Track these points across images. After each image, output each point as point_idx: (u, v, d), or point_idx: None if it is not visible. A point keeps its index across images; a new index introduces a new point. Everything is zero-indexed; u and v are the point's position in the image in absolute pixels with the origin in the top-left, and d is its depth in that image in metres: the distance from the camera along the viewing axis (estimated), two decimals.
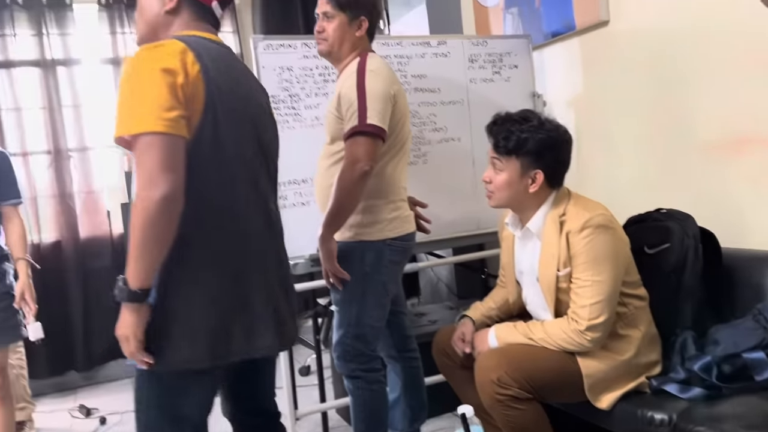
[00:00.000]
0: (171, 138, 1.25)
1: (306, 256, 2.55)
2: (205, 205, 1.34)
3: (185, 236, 1.29)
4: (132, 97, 1.27)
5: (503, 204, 1.91)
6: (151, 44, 1.33)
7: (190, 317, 1.31)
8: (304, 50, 2.50)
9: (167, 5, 1.44)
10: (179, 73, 1.28)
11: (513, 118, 1.88)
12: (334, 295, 2.04)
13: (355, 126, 1.89)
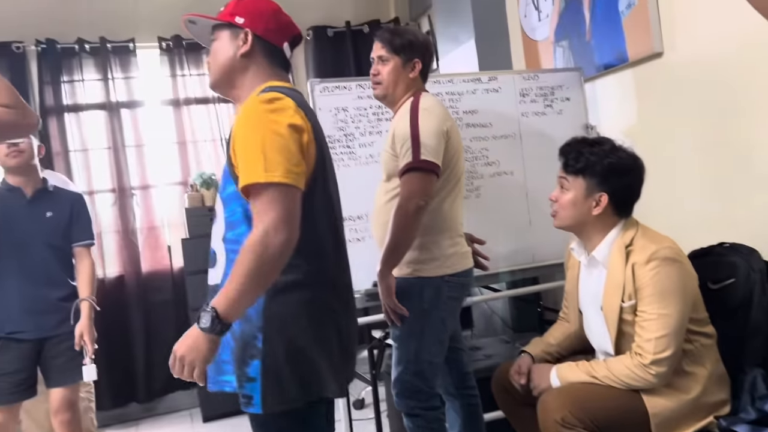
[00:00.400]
0: (296, 190, 1.31)
1: (361, 291, 2.59)
2: (311, 251, 1.40)
3: (290, 280, 1.36)
4: (263, 148, 1.29)
5: (567, 224, 1.91)
6: (265, 96, 1.36)
7: (301, 356, 1.36)
8: (358, 91, 2.58)
9: (241, 49, 1.47)
10: (304, 131, 1.36)
11: (586, 141, 1.91)
12: (393, 331, 2.06)
13: (410, 162, 1.93)
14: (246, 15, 1.48)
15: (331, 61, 4.40)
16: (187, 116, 4.18)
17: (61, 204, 2.49)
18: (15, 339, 2.36)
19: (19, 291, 2.36)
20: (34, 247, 2.39)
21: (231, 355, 1.40)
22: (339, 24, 4.48)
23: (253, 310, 1.35)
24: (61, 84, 3.95)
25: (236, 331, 1.36)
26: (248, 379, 1.36)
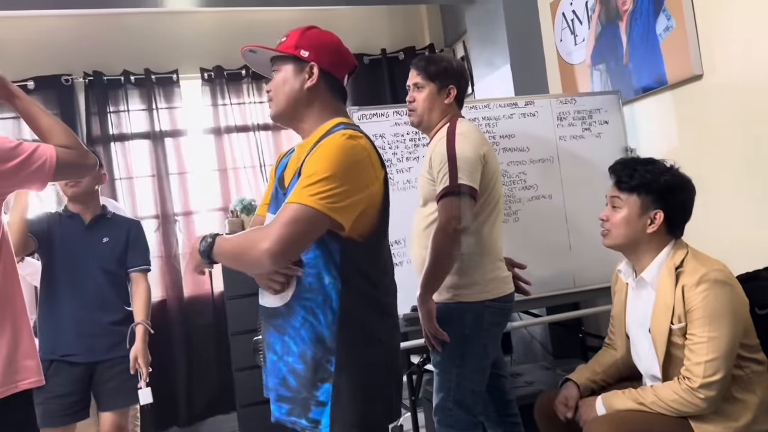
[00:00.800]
0: (322, 217, 1.34)
1: (400, 315, 2.59)
2: (384, 284, 1.51)
3: (363, 308, 1.44)
4: (343, 177, 1.36)
5: (619, 243, 1.88)
6: (348, 133, 1.42)
7: (372, 381, 1.43)
8: (395, 118, 2.61)
9: (307, 83, 1.50)
10: (380, 175, 1.46)
11: (638, 160, 1.90)
12: (434, 357, 2.05)
13: (447, 186, 1.94)
14: (311, 48, 1.51)
15: (368, 89, 4.46)
16: (227, 144, 4.28)
17: (118, 230, 2.53)
18: (67, 362, 2.39)
19: (73, 314, 2.38)
20: (89, 272, 2.42)
21: (284, 380, 1.45)
22: (375, 51, 4.56)
23: (327, 333, 1.39)
24: (107, 114, 4.09)
25: (307, 354, 1.40)
26: (318, 402, 1.39)
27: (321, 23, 4.73)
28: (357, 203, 1.38)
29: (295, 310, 1.43)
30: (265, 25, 4.37)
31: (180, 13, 4.17)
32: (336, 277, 1.40)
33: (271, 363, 1.48)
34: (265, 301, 1.50)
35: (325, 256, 1.40)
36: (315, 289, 1.41)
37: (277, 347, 1.46)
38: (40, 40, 3.98)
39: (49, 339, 2.39)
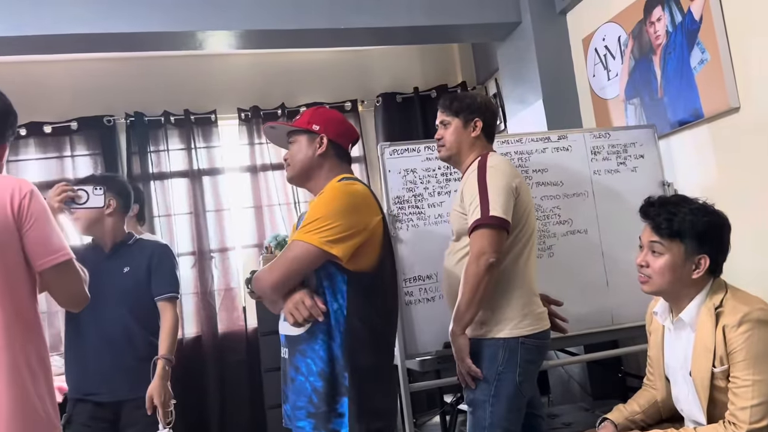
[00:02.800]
0: (320, 253, 1.64)
1: (432, 352, 2.55)
2: (385, 311, 1.78)
3: (367, 330, 1.70)
4: (337, 216, 1.65)
5: (662, 290, 1.81)
6: (348, 183, 1.75)
7: (380, 394, 1.71)
8: (426, 153, 2.62)
9: (318, 150, 1.82)
10: (377, 215, 1.74)
11: (671, 200, 1.82)
12: (467, 395, 2.00)
13: (479, 219, 1.93)
14: (321, 123, 1.84)
15: (399, 125, 4.51)
16: (263, 182, 4.35)
17: (140, 257, 2.35)
18: (92, 401, 2.24)
19: (95, 351, 2.24)
20: (109, 305, 2.24)
21: (309, 398, 1.63)
22: (407, 90, 4.61)
23: (340, 353, 1.64)
24: (148, 154, 4.21)
25: (325, 372, 1.63)
26: (337, 414, 1.62)
27: (355, 63, 4.85)
28: (353, 237, 1.64)
29: (315, 334, 1.66)
30: (300, 65, 4.49)
31: (218, 56, 4.31)
32: (342, 303, 1.66)
33: (300, 384, 1.68)
34: (288, 330, 1.71)
35: (333, 286, 1.67)
36: (329, 315, 1.66)
37: (303, 369, 1.67)
38: (84, 82, 4.15)
39: (73, 377, 2.30)
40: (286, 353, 1.74)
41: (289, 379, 1.71)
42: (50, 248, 1.52)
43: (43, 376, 1.53)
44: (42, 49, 3.28)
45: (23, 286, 1.51)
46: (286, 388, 1.73)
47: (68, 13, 3.02)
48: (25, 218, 1.49)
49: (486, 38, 3.99)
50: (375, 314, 1.70)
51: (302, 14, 3.32)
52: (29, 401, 1.47)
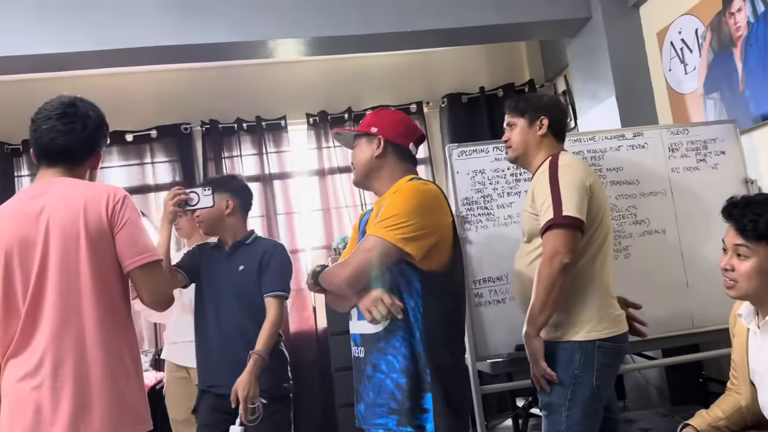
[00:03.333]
0: (396, 251, 1.64)
1: (504, 354, 2.53)
2: (459, 307, 1.81)
3: (445, 326, 1.73)
4: (412, 214, 1.65)
5: (749, 294, 1.72)
6: (422, 182, 1.77)
7: (459, 390, 1.74)
8: (495, 153, 2.60)
9: (376, 152, 1.83)
10: (449, 216, 1.75)
11: (755, 200, 1.73)
12: (542, 399, 1.97)
13: (551, 219, 1.89)
14: (378, 125, 1.85)
15: (466, 126, 4.48)
16: (330, 184, 4.43)
17: (254, 255, 2.39)
18: (214, 393, 2.32)
19: (215, 345, 2.33)
20: (228, 302, 2.34)
21: (392, 395, 1.65)
22: (473, 90, 4.59)
23: (421, 349, 1.64)
24: (222, 159, 4.37)
25: (409, 368, 1.64)
26: (422, 410, 1.64)
27: (420, 65, 4.86)
28: (427, 237, 1.65)
29: (394, 331, 1.67)
30: (365, 69, 4.54)
31: (287, 63, 4.42)
32: (418, 302, 1.67)
33: (379, 381, 1.68)
34: (364, 329, 1.73)
35: (408, 285, 1.68)
36: (407, 313, 1.66)
37: (383, 366, 1.68)
38: (163, 92, 4.35)
39: (199, 369, 2.41)
40: (362, 352, 1.73)
41: (366, 378, 1.70)
42: (138, 249, 1.60)
43: (134, 372, 1.61)
44: (125, 62, 3.45)
45: (116, 286, 1.61)
46: (362, 386, 1.73)
47: (150, 27, 3.19)
48: (117, 221, 1.59)
49: (555, 35, 3.91)
50: (448, 313, 1.71)
51: (368, 19, 3.36)
52: (122, 395, 1.56)
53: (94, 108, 1.71)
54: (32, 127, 1.67)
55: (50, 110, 1.66)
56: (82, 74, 3.81)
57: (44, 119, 1.65)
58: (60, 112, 1.65)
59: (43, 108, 1.68)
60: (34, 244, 1.56)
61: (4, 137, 4.16)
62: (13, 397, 1.54)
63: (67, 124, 1.64)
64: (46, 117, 1.65)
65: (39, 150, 1.67)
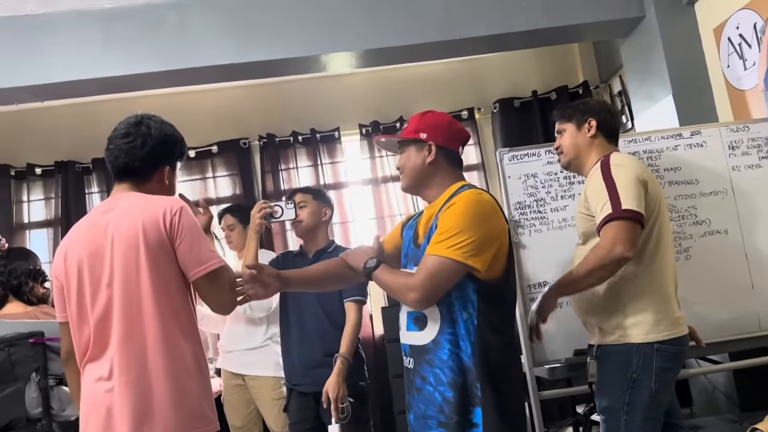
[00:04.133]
0: (459, 267, 1.60)
1: (562, 360, 2.51)
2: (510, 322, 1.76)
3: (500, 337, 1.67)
4: (473, 228, 1.61)
5: None
6: (477, 192, 1.70)
7: (511, 404, 1.67)
8: (547, 157, 2.59)
9: (428, 159, 1.77)
10: (505, 224, 1.70)
11: None
12: (600, 403, 1.94)
13: (610, 213, 1.85)
14: (428, 130, 1.78)
15: (518, 130, 4.46)
16: (384, 193, 4.48)
17: None
18: (298, 391, 2.52)
19: (298, 346, 2.51)
20: (310, 306, 2.50)
21: (440, 408, 1.61)
22: (525, 94, 4.56)
23: (471, 363, 1.61)
24: (279, 172, 4.49)
25: (457, 382, 1.61)
26: (471, 424, 1.60)
27: (470, 72, 4.87)
28: (489, 249, 1.61)
29: (441, 344, 1.64)
30: (416, 78, 4.59)
31: (339, 76, 4.52)
32: (472, 313, 1.63)
33: (428, 394, 1.65)
34: (412, 340, 1.72)
35: (463, 296, 1.63)
36: (457, 325, 1.63)
37: (431, 379, 1.65)
38: (222, 108, 4.52)
39: (285, 368, 2.60)
40: (411, 363, 1.72)
41: (416, 389, 1.69)
42: (201, 259, 1.67)
43: (198, 376, 1.67)
44: (187, 81, 3.61)
45: (178, 295, 1.68)
46: (411, 397, 1.72)
47: (211, 47, 3.33)
48: (177, 233, 1.66)
49: (608, 35, 3.85)
50: (504, 323, 1.68)
51: (418, 29, 3.41)
52: (185, 400, 1.62)
53: (159, 125, 1.79)
54: (106, 147, 1.79)
55: (118, 130, 1.77)
56: (146, 94, 4.02)
57: (113, 139, 1.77)
58: (124, 132, 1.76)
59: (117, 127, 1.80)
60: (102, 257, 1.65)
61: (75, 157, 4.40)
62: (89, 398, 1.65)
63: (128, 143, 1.74)
64: (114, 137, 1.77)
65: (110, 167, 1.79)
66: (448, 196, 1.72)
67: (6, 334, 2.35)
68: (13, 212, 4.34)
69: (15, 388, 2.31)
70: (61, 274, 1.70)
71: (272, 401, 3.18)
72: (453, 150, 1.80)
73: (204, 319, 3.22)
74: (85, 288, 1.66)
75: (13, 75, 3.24)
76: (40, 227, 4.42)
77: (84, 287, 1.66)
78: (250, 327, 3.16)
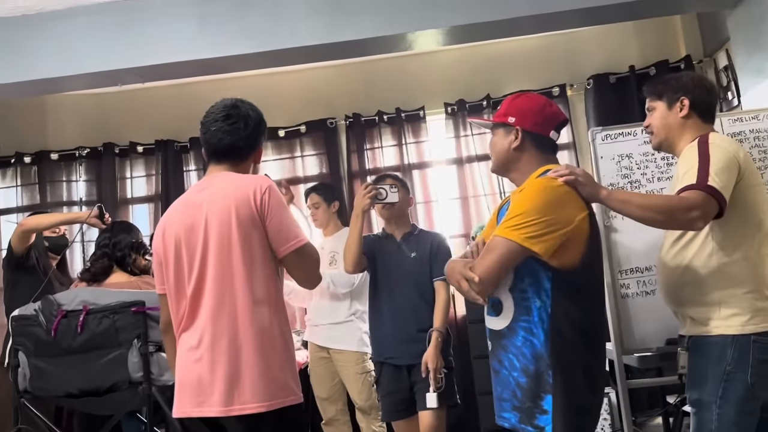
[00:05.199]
0: (519, 249, 1.59)
1: (653, 348, 2.41)
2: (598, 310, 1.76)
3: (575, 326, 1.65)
4: (538, 211, 1.59)
5: None
6: (547, 178, 1.66)
7: (582, 392, 1.64)
8: (644, 136, 2.47)
9: (513, 143, 1.77)
10: (583, 210, 1.65)
11: None
12: (690, 394, 1.86)
13: (693, 184, 1.76)
14: (516, 114, 1.78)
15: (614, 108, 4.25)
16: (468, 173, 4.43)
17: (424, 245, 2.72)
18: (391, 364, 2.67)
19: (391, 322, 2.66)
20: (401, 285, 2.66)
21: (513, 392, 1.65)
22: (622, 69, 4.35)
23: (544, 350, 1.61)
24: (364, 151, 4.53)
25: (529, 369, 1.62)
26: (542, 411, 1.60)
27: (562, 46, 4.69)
28: (554, 234, 1.58)
29: (516, 331, 1.66)
30: (504, 54, 4.47)
31: (425, 54, 4.47)
32: (545, 301, 1.62)
33: (504, 377, 1.69)
34: (492, 324, 1.74)
35: (536, 283, 1.63)
36: (531, 312, 1.64)
37: (506, 363, 1.69)
38: (310, 89, 4.60)
39: (375, 344, 2.75)
40: (491, 346, 1.76)
41: (493, 372, 1.74)
42: (289, 236, 1.75)
43: (284, 348, 1.76)
44: (277, 62, 3.70)
45: (266, 270, 1.75)
46: (491, 379, 1.76)
47: (301, 28, 3.38)
48: (267, 211, 1.74)
49: (712, 6, 3.60)
50: (581, 312, 1.64)
51: (507, 4, 3.31)
52: (271, 370, 1.71)
53: (253, 108, 1.89)
54: (202, 130, 1.87)
55: (216, 113, 1.85)
56: (238, 76, 4.15)
57: (212, 122, 1.85)
58: (224, 114, 1.84)
59: (210, 111, 1.88)
60: (197, 233, 1.75)
61: (174, 135, 4.63)
62: (181, 366, 1.76)
63: (231, 125, 1.83)
64: (213, 119, 1.85)
65: (209, 149, 1.87)
66: (522, 187, 1.73)
67: (111, 302, 2.53)
68: (117, 188, 4.64)
69: (118, 353, 2.50)
70: (160, 248, 1.81)
71: (356, 375, 3.29)
72: (543, 134, 1.77)
73: (291, 293, 3.35)
74: (182, 262, 1.76)
75: (117, 57, 3.43)
76: (142, 202, 4.70)
77: (182, 261, 1.76)
78: (335, 302, 3.28)
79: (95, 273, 2.85)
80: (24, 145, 4.62)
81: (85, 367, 2.51)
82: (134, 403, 2.65)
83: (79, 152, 4.62)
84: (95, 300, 2.54)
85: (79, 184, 4.66)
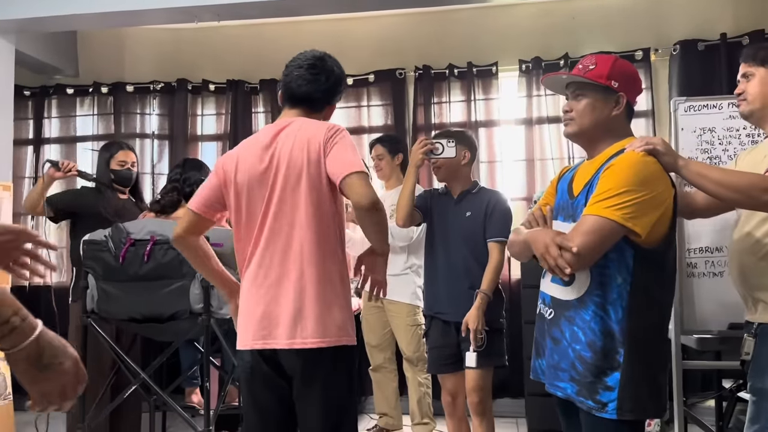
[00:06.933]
0: (618, 228, 1.53)
1: (714, 331, 2.34)
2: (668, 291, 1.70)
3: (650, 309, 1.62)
4: (637, 189, 1.53)
5: None
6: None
7: (654, 375, 1.63)
8: (730, 110, 2.34)
9: (614, 111, 1.68)
10: (672, 188, 1.61)
11: None
12: (753, 382, 1.79)
13: None
14: (621, 80, 1.68)
15: (700, 78, 4.02)
16: (537, 135, 4.30)
17: (480, 204, 2.65)
18: (440, 319, 2.67)
19: (443, 278, 2.64)
20: (455, 242, 2.63)
21: (572, 364, 1.61)
22: (713, 36, 4.08)
23: (617, 328, 1.57)
24: (431, 105, 4.45)
25: (596, 344, 1.59)
26: (606, 387, 1.57)
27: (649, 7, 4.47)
28: (651, 213, 1.54)
29: (587, 304, 1.61)
30: (586, 12, 4.27)
31: (502, 7, 4.32)
32: (627, 278, 1.57)
33: (564, 348, 1.66)
34: (557, 293, 1.68)
35: (619, 259, 1.57)
36: (607, 288, 1.58)
37: (567, 335, 1.65)
38: (381, 37, 4.53)
39: (427, 298, 2.76)
40: (551, 314, 1.70)
41: (552, 339, 1.69)
42: (346, 164, 1.74)
43: (342, 292, 1.82)
44: (348, 8, 3.65)
45: (329, 213, 1.80)
46: (545, 344, 1.71)
47: None
48: (330, 145, 1.76)
49: None
50: (660, 290, 1.62)
51: None
52: (330, 310, 1.77)
53: (338, 65, 1.92)
54: (285, 72, 1.91)
55: (302, 60, 1.89)
56: (309, 19, 4.11)
57: (296, 67, 1.88)
58: (310, 63, 1.87)
59: (297, 57, 1.91)
60: (269, 174, 1.80)
61: (244, 76, 4.67)
62: (248, 300, 1.83)
63: (313, 74, 1.86)
64: (298, 65, 1.88)
65: (286, 92, 1.91)
66: (611, 153, 1.65)
67: None
68: (188, 124, 4.75)
69: (181, 283, 2.60)
70: (231, 181, 1.84)
71: (406, 326, 3.35)
72: (634, 105, 1.73)
73: (350, 242, 3.39)
74: (253, 200, 1.82)
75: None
76: (211, 140, 4.81)
77: (253, 200, 1.82)
78: (392, 255, 3.23)
79: (164, 205, 2.96)
80: (102, 75, 4.76)
81: (149, 294, 2.63)
82: (193, 332, 2.79)
83: (154, 86, 4.74)
84: (162, 231, 2.64)
85: (152, 118, 4.79)
